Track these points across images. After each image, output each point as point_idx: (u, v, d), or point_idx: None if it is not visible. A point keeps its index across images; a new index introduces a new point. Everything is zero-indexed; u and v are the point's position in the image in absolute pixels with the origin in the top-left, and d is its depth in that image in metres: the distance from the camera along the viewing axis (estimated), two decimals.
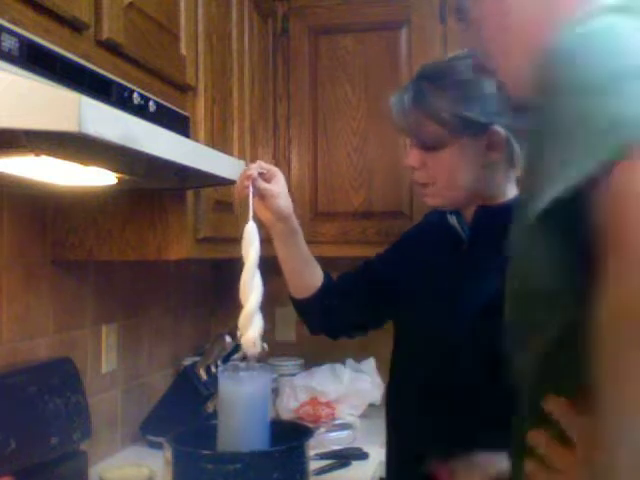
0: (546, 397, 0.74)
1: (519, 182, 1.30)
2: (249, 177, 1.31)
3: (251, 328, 1.28)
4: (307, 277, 1.45)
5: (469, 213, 1.32)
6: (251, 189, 1.32)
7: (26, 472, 1.42)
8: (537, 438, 0.75)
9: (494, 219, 1.29)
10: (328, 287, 1.46)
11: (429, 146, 1.28)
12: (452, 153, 1.26)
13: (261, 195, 1.34)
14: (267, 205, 1.35)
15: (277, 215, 1.36)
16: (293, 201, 1.40)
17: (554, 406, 0.73)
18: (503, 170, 1.29)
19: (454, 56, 1.32)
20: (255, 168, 1.33)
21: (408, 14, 2.28)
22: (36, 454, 1.46)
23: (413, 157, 1.31)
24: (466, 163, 1.27)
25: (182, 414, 1.91)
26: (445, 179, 1.29)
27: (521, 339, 0.79)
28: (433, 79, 1.28)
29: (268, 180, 1.35)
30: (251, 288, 1.27)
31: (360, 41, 2.32)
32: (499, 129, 1.24)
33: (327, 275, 1.48)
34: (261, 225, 1.37)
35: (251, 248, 1.29)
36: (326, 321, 1.50)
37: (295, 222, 1.39)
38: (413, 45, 2.28)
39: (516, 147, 1.26)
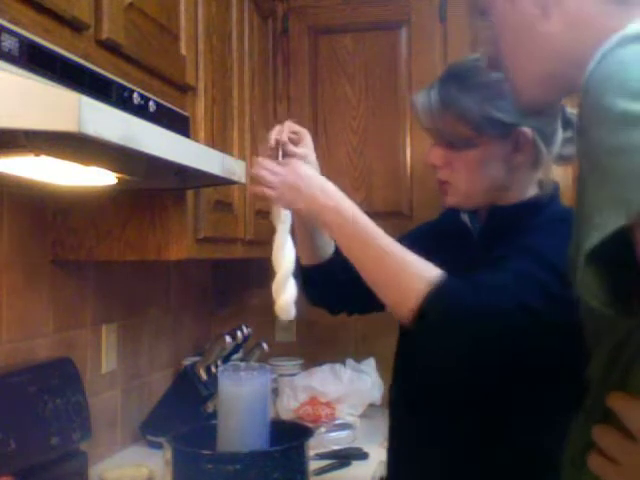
0: (610, 393, 0.76)
1: (541, 184, 1.29)
2: (277, 141, 1.32)
3: (284, 294, 1.28)
4: (320, 244, 1.44)
5: (483, 211, 1.32)
6: (281, 153, 1.32)
7: (26, 472, 1.42)
8: (602, 433, 0.77)
9: (506, 218, 1.28)
10: (337, 259, 1.46)
11: (455, 146, 1.27)
12: (478, 153, 1.25)
13: (290, 158, 1.34)
14: None
15: None
16: None
17: (617, 401, 0.75)
18: (527, 172, 1.27)
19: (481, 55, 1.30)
20: (286, 132, 1.33)
21: (408, 14, 2.28)
22: (36, 454, 1.46)
23: (436, 155, 1.30)
24: (491, 164, 1.25)
25: (182, 414, 1.91)
26: (468, 179, 1.27)
27: (594, 341, 0.82)
28: (461, 79, 1.26)
29: (297, 142, 1.35)
30: (283, 253, 1.28)
31: (360, 41, 2.32)
32: (526, 130, 1.22)
33: (338, 249, 1.47)
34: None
35: (283, 212, 1.30)
36: (328, 293, 1.49)
37: None
38: (413, 45, 2.28)
39: (542, 148, 1.24)
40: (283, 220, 1.30)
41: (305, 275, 1.47)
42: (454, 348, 1.14)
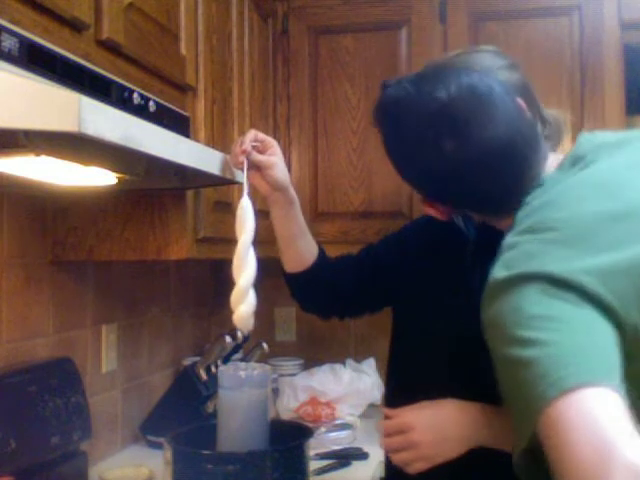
0: None
1: None
2: (243, 152, 1.32)
3: (243, 304, 1.28)
4: (302, 250, 1.44)
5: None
6: (245, 163, 1.32)
7: (26, 472, 1.42)
8: None
9: None
10: (323, 263, 1.46)
11: None
12: None
13: (257, 166, 1.34)
14: (263, 176, 1.35)
15: (273, 185, 1.36)
16: None
17: None
18: None
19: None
20: (249, 141, 1.33)
21: (408, 14, 2.28)
22: (36, 454, 1.46)
23: None
24: None
25: (182, 414, 1.91)
26: None
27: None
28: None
29: (263, 151, 1.35)
30: (245, 264, 1.27)
31: (360, 41, 2.32)
32: None
33: (322, 251, 1.48)
34: (259, 195, 1.37)
35: (245, 224, 1.29)
36: (317, 298, 1.49)
37: (292, 192, 1.39)
38: (413, 45, 2.28)
39: None
40: (245, 230, 1.29)
41: (292, 282, 1.47)
42: None
